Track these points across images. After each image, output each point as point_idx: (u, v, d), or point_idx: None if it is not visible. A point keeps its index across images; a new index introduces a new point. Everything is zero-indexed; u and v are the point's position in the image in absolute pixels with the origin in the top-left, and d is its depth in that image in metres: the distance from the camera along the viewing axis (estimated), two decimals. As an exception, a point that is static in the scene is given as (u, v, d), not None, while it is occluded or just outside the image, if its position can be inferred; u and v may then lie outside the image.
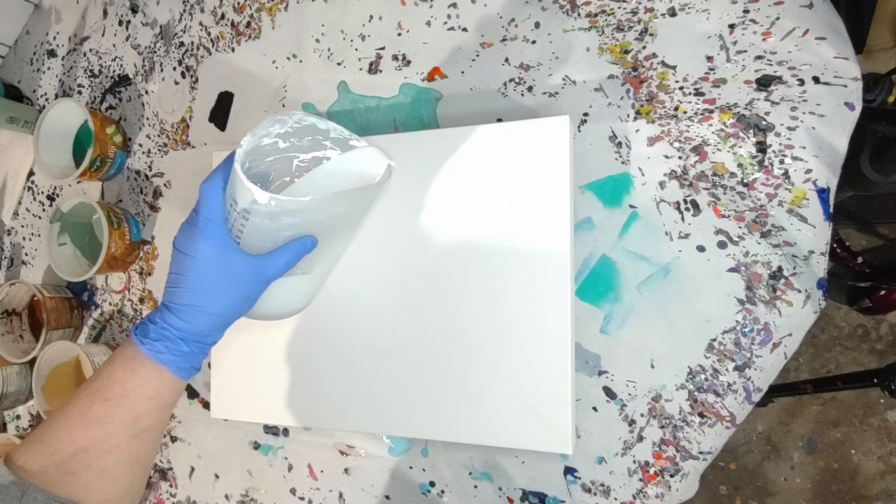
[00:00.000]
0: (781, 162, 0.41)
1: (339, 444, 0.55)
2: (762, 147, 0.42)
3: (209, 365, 0.58)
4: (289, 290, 0.46)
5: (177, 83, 0.67)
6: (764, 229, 0.42)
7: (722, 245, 0.43)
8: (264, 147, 0.41)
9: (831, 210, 0.41)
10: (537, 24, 0.49)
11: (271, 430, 0.58)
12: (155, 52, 0.69)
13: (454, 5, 0.53)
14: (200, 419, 0.63)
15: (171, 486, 0.64)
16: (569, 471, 0.46)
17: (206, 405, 0.62)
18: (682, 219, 0.44)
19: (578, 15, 0.48)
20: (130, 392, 0.37)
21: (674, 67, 0.45)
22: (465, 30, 0.52)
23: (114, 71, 0.73)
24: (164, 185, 0.67)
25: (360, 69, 0.56)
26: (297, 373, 0.53)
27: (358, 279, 0.50)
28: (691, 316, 0.43)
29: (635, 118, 0.46)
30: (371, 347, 0.50)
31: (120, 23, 0.72)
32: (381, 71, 0.56)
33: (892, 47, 0.59)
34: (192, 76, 0.66)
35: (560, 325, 0.44)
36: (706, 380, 0.43)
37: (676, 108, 0.44)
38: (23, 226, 0.79)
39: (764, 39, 0.42)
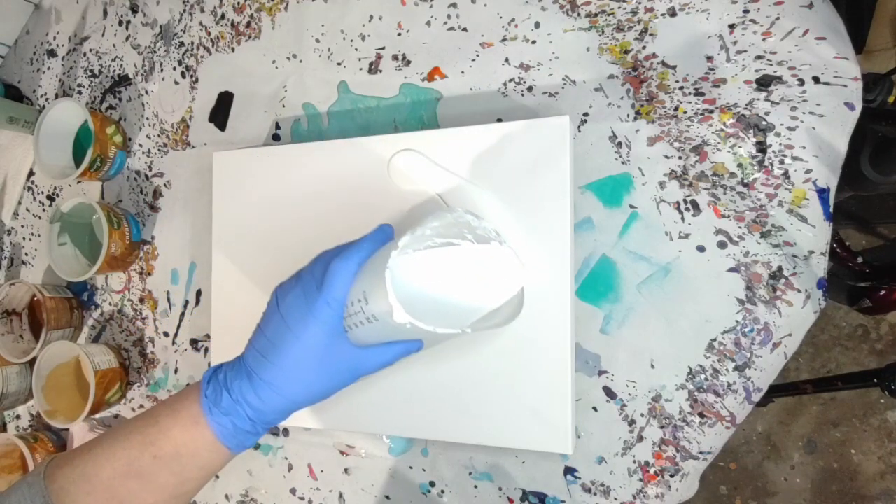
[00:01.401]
0: (781, 162, 0.41)
1: (339, 444, 0.55)
2: (762, 147, 0.42)
3: (209, 365, 0.58)
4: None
5: (177, 83, 0.67)
6: (764, 229, 0.42)
7: (722, 245, 0.43)
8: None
9: (831, 210, 0.41)
10: (537, 24, 0.49)
11: (271, 430, 0.58)
12: (155, 52, 0.69)
13: (454, 5, 0.53)
14: (200, 419, 0.63)
15: (171, 486, 0.64)
16: (569, 471, 0.46)
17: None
18: (682, 219, 0.44)
19: (578, 15, 0.48)
20: (183, 457, 0.35)
21: (674, 67, 0.45)
22: (465, 30, 0.52)
23: (114, 71, 0.73)
24: (164, 185, 0.67)
25: (360, 69, 0.56)
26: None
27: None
28: (691, 316, 0.43)
29: (635, 118, 0.46)
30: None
31: (120, 23, 0.72)
32: (381, 71, 0.56)
33: (892, 47, 0.59)
34: (192, 76, 0.66)
35: (560, 325, 0.44)
36: (706, 380, 0.43)
37: (676, 108, 0.44)
38: (23, 226, 0.79)
39: (764, 39, 0.42)
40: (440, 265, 0.39)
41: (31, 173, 0.79)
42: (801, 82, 0.41)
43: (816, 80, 0.41)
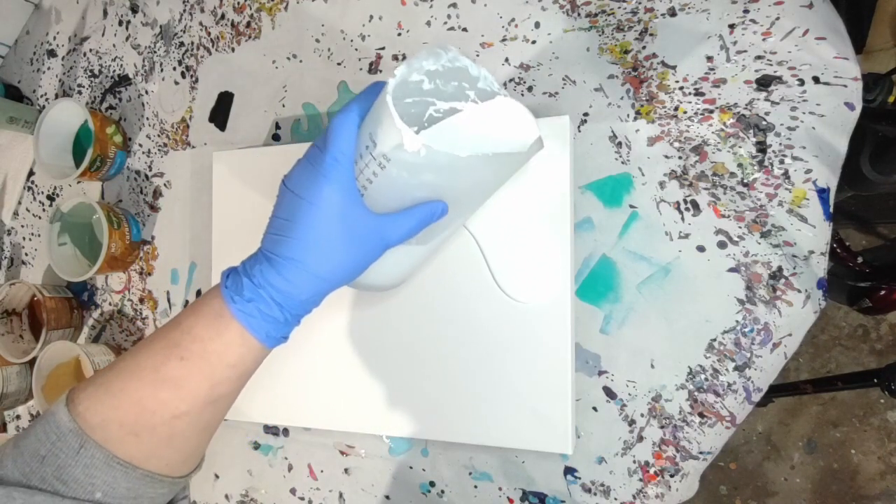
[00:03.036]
0: (781, 162, 0.41)
1: (339, 444, 0.55)
2: (762, 147, 0.42)
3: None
4: (398, 261, 0.39)
5: (177, 83, 0.67)
6: (764, 229, 0.42)
7: (722, 245, 0.43)
8: (409, 84, 0.35)
9: (831, 210, 0.41)
10: (537, 24, 0.49)
11: (271, 430, 0.58)
12: (155, 52, 0.69)
13: (454, 5, 0.53)
14: (200, 419, 0.63)
15: (171, 486, 0.64)
16: (569, 471, 0.46)
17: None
18: (682, 219, 0.44)
19: (578, 15, 0.48)
20: (211, 355, 0.32)
21: (674, 67, 0.45)
22: (465, 30, 0.52)
23: (114, 71, 0.73)
24: (164, 185, 0.67)
25: (360, 69, 0.56)
26: (297, 373, 0.53)
27: (358, 279, 0.50)
28: (691, 316, 0.43)
29: (635, 118, 0.46)
30: (371, 347, 0.50)
31: (120, 23, 0.72)
32: (381, 71, 0.56)
33: (892, 47, 0.59)
34: (192, 76, 0.66)
35: (560, 325, 0.44)
36: (706, 380, 0.43)
37: (676, 108, 0.44)
38: (23, 226, 0.79)
39: (764, 39, 0.42)
40: (447, 137, 0.38)
41: (31, 173, 0.79)
42: (801, 82, 0.41)
43: (816, 80, 0.41)
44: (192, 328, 0.32)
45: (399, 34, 0.55)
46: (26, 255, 0.78)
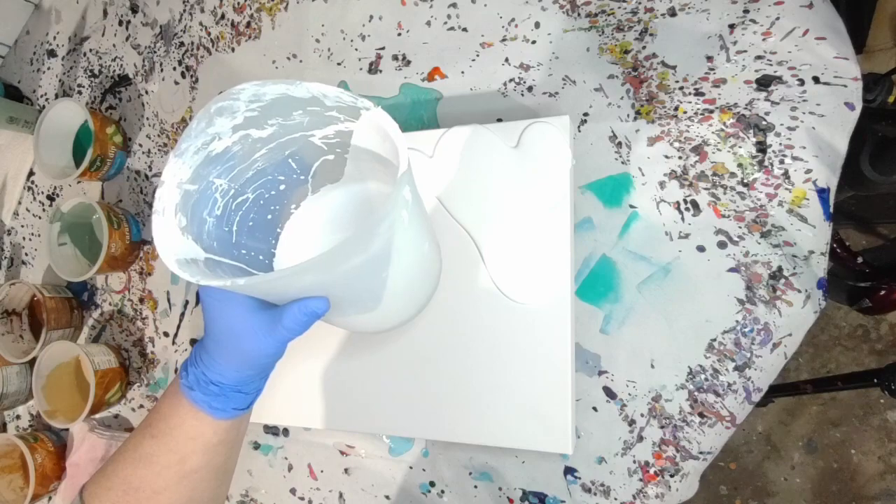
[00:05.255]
0: (781, 162, 0.41)
1: (339, 444, 0.55)
2: (762, 147, 0.42)
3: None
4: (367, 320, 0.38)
5: (177, 83, 0.67)
6: (764, 229, 0.42)
7: (722, 245, 0.43)
8: (220, 155, 0.30)
9: (831, 210, 0.41)
10: (537, 24, 0.49)
11: (271, 430, 0.58)
12: (155, 52, 0.69)
13: (454, 5, 0.53)
14: (200, 419, 0.63)
15: (171, 486, 0.64)
16: (569, 471, 0.46)
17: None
18: (682, 219, 0.44)
19: (578, 15, 0.48)
20: (173, 430, 0.35)
21: (674, 67, 0.45)
22: (465, 30, 0.52)
23: (114, 71, 0.73)
24: (164, 185, 0.67)
25: (360, 69, 0.56)
26: (297, 373, 0.53)
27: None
28: (691, 316, 0.43)
29: (635, 118, 0.46)
30: (371, 348, 0.50)
31: (120, 23, 0.72)
32: (381, 71, 0.56)
33: (892, 47, 0.59)
34: (192, 76, 0.66)
35: (560, 325, 0.44)
36: (706, 380, 0.43)
37: (676, 108, 0.44)
38: (23, 226, 0.79)
39: (764, 39, 0.42)
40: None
41: (31, 173, 0.79)
42: (801, 82, 0.41)
43: (816, 80, 0.41)
44: (160, 408, 0.36)
45: (399, 34, 0.55)
46: (26, 255, 0.78)
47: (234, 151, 0.32)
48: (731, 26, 0.43)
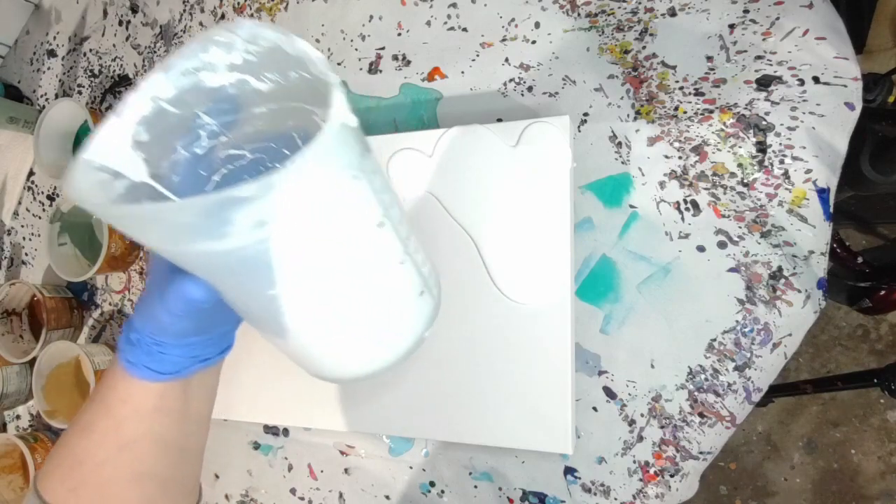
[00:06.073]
0: (781, 162, 0.41)
1: (339, 444, 0.55)
2: (762, 147, 0.42)
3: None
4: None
5: (177, 83, 0.67)
6: (764, 229, 0.42)
7: (722, 245, 0.43)
8: (215, 90, 0.27)
9: (831, 210, 0.41)
10: (537, 24, 0.49)
11: (271, 430, 0.58)
12: (155, 52, 0.69)
13: (454, 5, 0.53)
14: (200, 419, 0.63)
15: (171, 486, 0.64)
16: (569, 471, 0.46)
17: (206, 405, 0.62)
18: (682, 219, 0.44)
19: (578, 15, 0.48)
20: (108, 392, 0.33)
21: (674, 67, 0.45)
22: (465, 30, 0.52)
23: (114, 71, 0.73)
24: (164, 185, 0.67)
25: (360, 69, 0.56)
26: (297, 373, 0.52)
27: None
28: (691, 316, 0.43)
29: (635, 118, 0.46)
30: (371, 347, 0.50)
31: (120, 23, 0.72)
32: (381, 71, 0.56)
33: (892, 47, 0.59)
34: (192, 76, 0.66)
35: (560, 325, 0.44)
36: (706, 380, 0.43)
37: (676, 108, 0.44)
38: (23, 226, 0.79)
39: (764, 39, 0.42)
40: None
41: (31, 173, 0.79)
42: (801, 82, 0.41)
43: (816, 80, 0.41)
44: (102, 376, 0.34)
45: (399, 34, 0.55)
46: (26, 255, 0.78)
47: (231, 94, 0.29)
48: (731, 26, 0.43)
